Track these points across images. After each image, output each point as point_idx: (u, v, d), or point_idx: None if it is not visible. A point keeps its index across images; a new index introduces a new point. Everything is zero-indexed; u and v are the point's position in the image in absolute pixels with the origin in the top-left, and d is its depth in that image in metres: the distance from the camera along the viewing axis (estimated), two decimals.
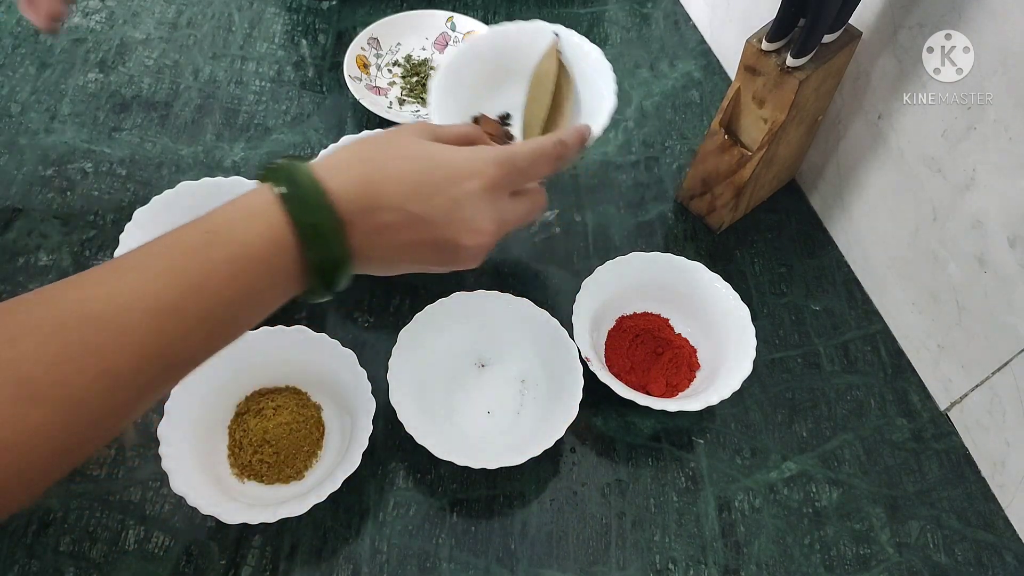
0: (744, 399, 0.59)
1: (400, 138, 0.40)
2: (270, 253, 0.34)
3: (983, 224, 0.52)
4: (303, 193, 0.35)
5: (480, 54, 0.57)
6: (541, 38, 0.56)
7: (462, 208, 0.39)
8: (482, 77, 0.57)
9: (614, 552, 0.52)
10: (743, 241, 0.68)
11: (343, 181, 0.36)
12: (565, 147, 0.44)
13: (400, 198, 0.37)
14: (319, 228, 0.35)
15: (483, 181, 0.39)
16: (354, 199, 0.36)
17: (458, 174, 0.39)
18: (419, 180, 0.38)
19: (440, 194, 0.38)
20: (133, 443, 0.53)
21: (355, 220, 0.36)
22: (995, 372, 0.54)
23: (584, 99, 0.56)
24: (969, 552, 0.53)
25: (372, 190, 0.37)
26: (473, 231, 0.39)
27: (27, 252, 0.62)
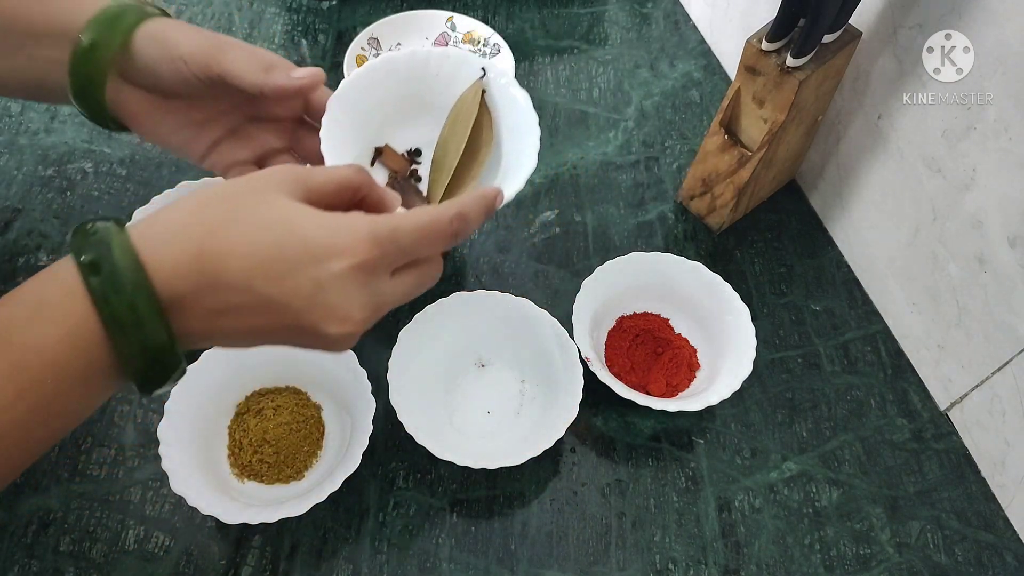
0: (744, 399, 0.59)
1: (254, 196, 0.33)
2: (69, 356, 0.29)
3: (983, 224, 0.52)
4: (115, 272, 0.29)
5: (395, 76, 0.48)
6: (467, 71, 0.49)
7: (324, 292, 0.32)
8: (394, 103, 0.49)
9: (614, 552, 0.52)
10: (743, 241, 0.68)
11: (173, 254, 0.30)
12: (465, 222, 0.36)
13: (246, 276, 0.31)
14: (134, 317, 0.29)
15: (353, 261, 0.32)
16: (186, 275, 0.30)
17: (321, 250, 0.32)
18: (271, 255, 0.31)
19: (297, 274, 0.32)
20: (133, 443, 0.53)
21: (187, 301, 0.31)
22: (995, 372, 0.54)
23: (505, 149, 0.49)
24: (969, 552, 0.53)
25: (211, 265, 0.31)
26: (339, 319, 0.33)
27: (27, 252, 0.62)
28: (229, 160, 0.46)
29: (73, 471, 0.51)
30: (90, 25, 0.41)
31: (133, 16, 0.42)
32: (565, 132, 0.74)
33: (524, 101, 0.47)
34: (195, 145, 0.46)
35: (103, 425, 0.53)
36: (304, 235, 0.32)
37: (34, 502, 0.50)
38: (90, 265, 0.29)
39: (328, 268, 0.32)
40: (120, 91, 0.44)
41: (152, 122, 0.45)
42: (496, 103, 0.48)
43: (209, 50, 0.41)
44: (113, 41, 0.41)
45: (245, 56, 0.41)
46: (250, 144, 0.47)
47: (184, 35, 0.42)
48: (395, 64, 0.48)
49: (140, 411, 0.54)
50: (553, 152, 0.73)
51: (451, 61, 0.48)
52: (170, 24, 0.43)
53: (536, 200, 0.69)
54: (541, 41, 0.82)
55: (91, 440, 0.53)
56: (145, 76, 0.43)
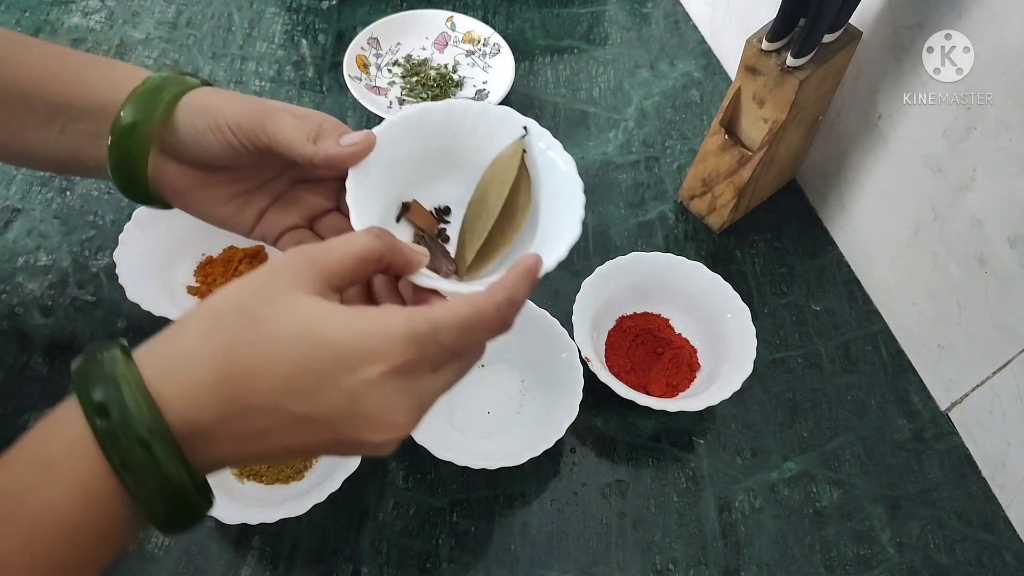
0: (745, 399, 0.59)
1: (271, 303, 0.30)
2: (83, 514, 0.27)
3: (983, 224, 0.52)
4: (125, 414, 0.27)
5: (430, 127, 0.44)
6: (507, 129, 0.44)
7: (361, 402, 0.29)
8: (426, 155, 0.45)
9: (614, 553, 0.51)
10: (743, 241, 0.68)
11: (191, 385, 0.28)
12: (515, 307, 0.32)
13: (274, 396, 0.29)
14: (150, 462, 0.27)
15: (389, 365, 0.29)
16: (208, 405, 0.28)
17: (354, 357, 0.29)
18: (299, 370, 0.29)
19: (329, 386, 0.29)
20: None
21: (213, 432, 0.29)
22: (996, 372, 0.54)
23: (543, 215, 0.45)
24: (970, 552, 0.53)
25: (234, 390, 0.29)
26: (381, 427, 0.30)
27: (27, 252, 0.62)
28: (279, 228, 0.44)
29: None
30: (131, 100, 0.40)
31: (175, 88, 0.40)
32: (565, 132, 0.74)
33: (566, 166, 0.44)
34: (242, 217, 0.44)
35: None
36: (332, 342, 0.29)
37: None
38: (97, 407, 0.27)
39: (362, 376, 0.29)
40: (162, 167, 0.42)
41: (197, 197, 0.43)
42: (536, 165, 0.45)
43: (255, 118, 0.39)
44: (155, 115, 0.39)
45: (293, 125, 0.39)
46: (298, 207, 0.45)
47: (228, 103, 0.40)
48: (431, 115, 0.44)
49: None
50: None
51: (491, 117, 0.44)
52: (212, 93, 0.41)
53: None
54: (541, 41, 0.82)
55: None
56: (189, 149, 0.41)
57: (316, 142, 0.38)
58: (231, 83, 0.75)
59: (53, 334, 0.58)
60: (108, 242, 0.63)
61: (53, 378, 0.55)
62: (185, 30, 0.80)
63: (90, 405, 0.27)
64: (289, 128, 0.39)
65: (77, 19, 0.80)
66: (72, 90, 0.41)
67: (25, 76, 0.41)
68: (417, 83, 0.76)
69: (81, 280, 0.61)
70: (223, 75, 0.76)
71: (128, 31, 0.79)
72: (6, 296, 0.59)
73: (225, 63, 0.77)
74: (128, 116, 0.40)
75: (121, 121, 0.40)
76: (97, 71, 0.42)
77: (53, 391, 0.55)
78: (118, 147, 0.40)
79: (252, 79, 0.76)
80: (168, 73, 0.42)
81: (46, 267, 0.61)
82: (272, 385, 0.29)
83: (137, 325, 0.58)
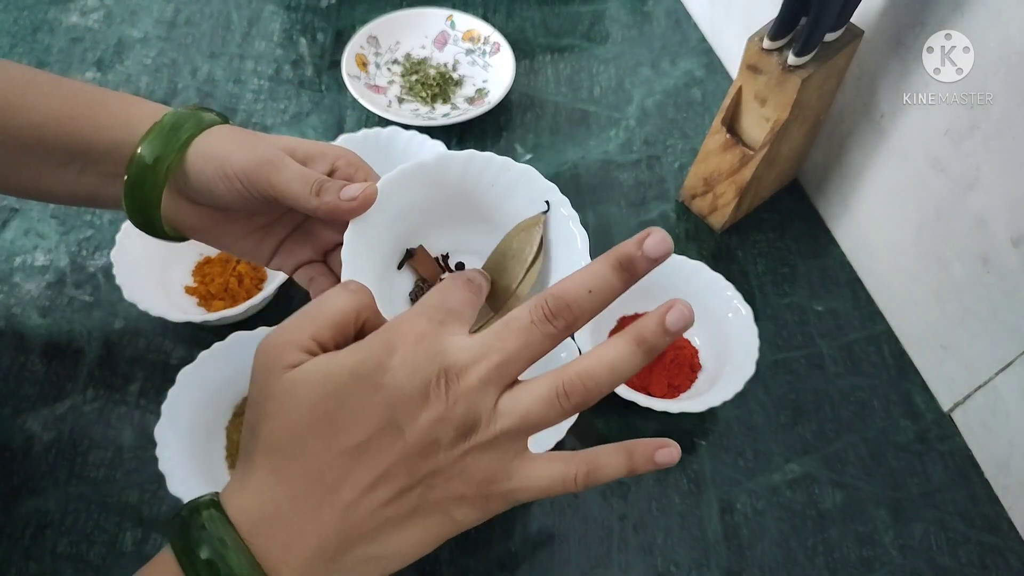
0: (747, 400, 0.58)
1: (270, 396, 0.29)
2: None
3: (987, 223, 0.52)
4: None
5: (445, 176, 0.43)
6: (526, 187, 0.43)
7: (399, 388, 0.29)
8: (437, 203, 0.44)
9: (616, 555, 0.51)
10: (745, 241, 0.68)
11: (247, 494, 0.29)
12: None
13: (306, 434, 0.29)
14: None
15: (407, 340, 0.30)
16: (254, 486, 0.29)
17: (368, 362, 0.29)
18: (318, 398, 0.29)
19: (360, 397, 0.29)
20: (131, 445, 0.53)
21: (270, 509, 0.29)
22: (999, 373, 0.53)
23: (549, 285, 0.42)
24: (973, 554, 0.53)
25: (271, 451, 0.29)
26: (431, 399, 0.29)
27: (24, 252, 0.62)
28: (295, 261, 0.45)
29: (70, 473, 0.51)
30: (147, 139, 0.40)
31: (191, 126, 0.40)
32: (566, 131, 0.74)
33: (581, 244, 0.42)
34: (261, 249, 0.45)
35: (100, 427, 0.53)
36: (342, 365, 0.29)
37: (31, 504, 0.50)
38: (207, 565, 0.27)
39: (388, 365, 0.29)
40: (177, 207, 0.42)
41: (215, 233, 0.44)
42: (552, 232, 0.43)
43: (260, 169, 0.39)
44: (170, 155, 0.40)
45: (297, 176, 0.39)
46: (312, 241, 0.45)
47: (236, 151, 0.40)
48: (449, 165, 0.43)
49: (137, 413, 0.54)
50: (554, 151, 0.72)
51: (511, 174, 0.43)
52: (222, 137, 0.41)
53: None
54: (542, 39, 0.82)
55: (88, 442, 0.52)
56: (201, 194, 0.41)
57: (318, 195, 0.39)
58: (230, 82, 0.75)
59: (51, 334, 0.57)
60: (106, 242, 0.62)
61: (50, 378, 0.55)
62: (183, 29, 0.80)
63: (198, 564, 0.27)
64: (293, 181, 0.39)
65: (75, 18, 0.80)
66: (87, 132, 0.41)
67: (40, 120, 0.41)
68: (416, 82, 0.76)
69: (79, 280, 0.60)
70: (222, 74, 0.76)
71: (126, 30, 0.79)
72: (3, 296, 0.59)
73: (223, 62, 0.77)
74: (144, 157, 0.40)
75: (137, 161, 0.40)
76: (112, 111, 0.42)
77: (50, 392, 0.54)
78: (134, 186, 0.41)
79: (251, 78, 0.76)
80: (184, 109, 0.42)
81: (43, 267, 0.61)
82: (301, 426, 0.28)
83: (134, 325, 0.58)
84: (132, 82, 0.74)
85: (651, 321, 0.30)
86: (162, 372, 0.56)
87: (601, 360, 0.30)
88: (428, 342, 0.30)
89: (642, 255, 0.30)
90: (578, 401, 0.31)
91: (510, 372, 0.31)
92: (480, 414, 0.30)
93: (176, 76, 0.75)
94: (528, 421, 0.30)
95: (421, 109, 0.74)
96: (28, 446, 0.52)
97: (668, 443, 0.33)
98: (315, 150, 0.42)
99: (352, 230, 0.39)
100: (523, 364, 0.31)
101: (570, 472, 0.32)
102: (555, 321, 0.31)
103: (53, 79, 0.43)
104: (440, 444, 0.29)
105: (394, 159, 0.65)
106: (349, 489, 0.28)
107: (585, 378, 0.30)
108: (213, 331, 0.57)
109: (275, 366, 0.29)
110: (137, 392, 0.55)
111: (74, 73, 0.75)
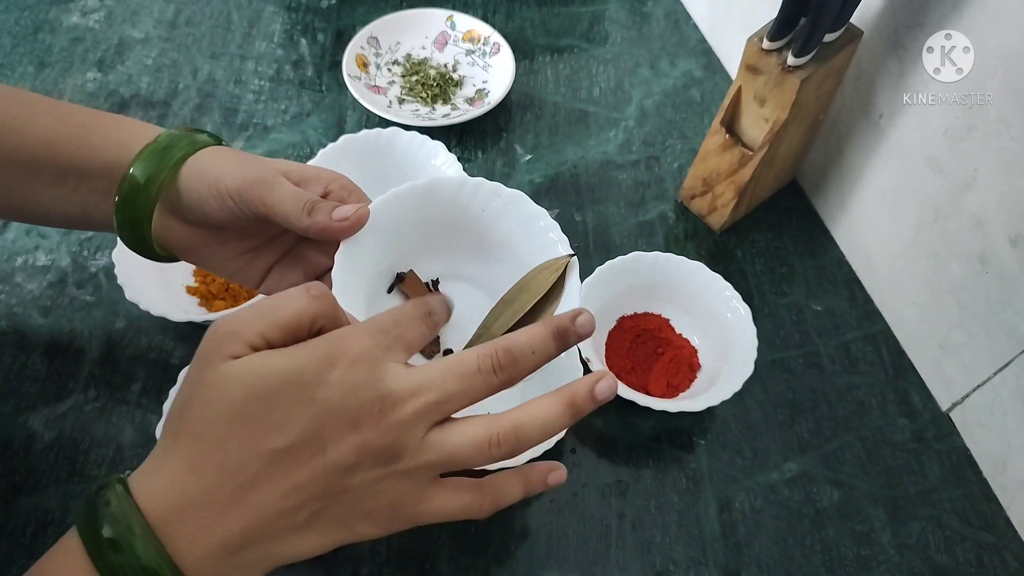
0: (745, 399, 0.58)
1: (204, 382, 0.29)
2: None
3: (985, 223, 0.52)
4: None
5: (436, 201, 0.43)
6: (518, 212, 0.43)
7: (329, 403, 0.29)
8: (428, 228, 0.43)
9: (614, 553, 0.51)
10: (744, 241, 0.68)
11: (153, 464, 0.29)
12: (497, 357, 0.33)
13: (233, 433, 0.29)
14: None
15: (347, 359, 0.30)
16: (170, 475, 0.29)
17: (308, 369, 0.29)
18: (248, 397, 0.29)
19: (289, 403, 0.29)
20: (131, 443, 0.53)
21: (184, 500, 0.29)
22: (997, 372, 0.54)
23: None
24: (970, 553, 0.53)
25: (191, 446, 0.29)
26: (360, 420, 0.30)
27: (26, 252, 0.62)
28: (285, 284, 0.45)
29: (71, 471, 0.51)
30: (140, 159, 0.40)
31: (184, 147, 0.41)
32: (565, 131, 0.74)
33: (576, 292, 0.42)
34: (250, 272, 0.45)
35: (102, 426, 0.53)
36: (277, 368, 0.29)
37: (32, 502, 0.50)
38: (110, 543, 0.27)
39: (324, 379, 0.29)
40: (168, 226, 0.42)
41: (205, 253, 0.44)
42: (568, 287, 0.42)
43: (253, 189, 0.39)
44: (162, 176, 0.40)
45: (290, 196, 0.39)
46: (303, 265, 0.46)
47: (229, 170, 0.40)
48: (440, 189, 0.43)
49: (138, 411, 0.54)
50: (553, 151, 0.73)
51: (501, 199, 0.43)
52: (216, 156, 0.41)
53: (536, 200, 0.68)
54: (541, 40, 0.82)
55: (89, 441, 0.53)
56: (192, 211, 0.41)
57: (311, 215, 0.39)
58: (230, 82, 0.75)
59: (52, 334, 0.57)
60: (107, 242, 0.63)
61: (52, 377, 0.55)
62: (184, 29, 0.80)
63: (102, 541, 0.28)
64: (286, 200, 0.39)
65: (76, 18, 0.80)
66: (80, 152, 0.41)
67: (33, 140, 0.41)
68: (417, 82, 0.76)
69: (80, 280, 0.60)
70: (222, 74, 0.76)
71: (127, 30, 0.79)
72: (5, 296, 0.59)
73: (224, 62, 0.77)
74: (136, 176, 0.40)
75: (129, 181, 0.40)
76: (104, 131, 0.42)
77: (51, 391, 0.55)
78: (125, 205, 0.41)
79: (251, 78, 0.76)
80: (178, 131, 0.42)
81: (45, 267, 0.61)
82: (225, 420, 0.28)
83: (136, 325, 0.58)
84: (133, 82, 0.75)
85: (582, 387, 0.33)
86: (163, 371, 0.56)
87: (535, 418, 0.32)
88: (369, 365, 0.30)
89: (574, 330, 0.33)
90: (507, 451, 0.32)
91: (444, 412, 0.31)
92: (406, 445, 0.30)
93: (177, 76, 0.76)
94: (453, 459, 0.31)
95: (421, 110, 0.74)
96: (29, 444, 0.52)
97: (557, 466, 0.36)
98: (309, 173, 0.42)
99: (343, 252, 0.40)
100: (458, 407, 0.32)
101: (475, 502, 0.33)
102: (500, 373, 0.32)
103: (46, 101, 0.43)
104: (360, 467, 0.30)
105: (394, 159, 0.65)
106: (260, 492, 0.29)
107: (519, 431, 0.32)
108: None
109: (215, 353, 0.29)
110: (138, 391, 0.55)
111: (75, 73, 0.75)
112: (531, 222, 0.43)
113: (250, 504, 0.29)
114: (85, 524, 0.28)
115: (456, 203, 0.43)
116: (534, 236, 0.43)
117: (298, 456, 0.29)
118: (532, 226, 0.43)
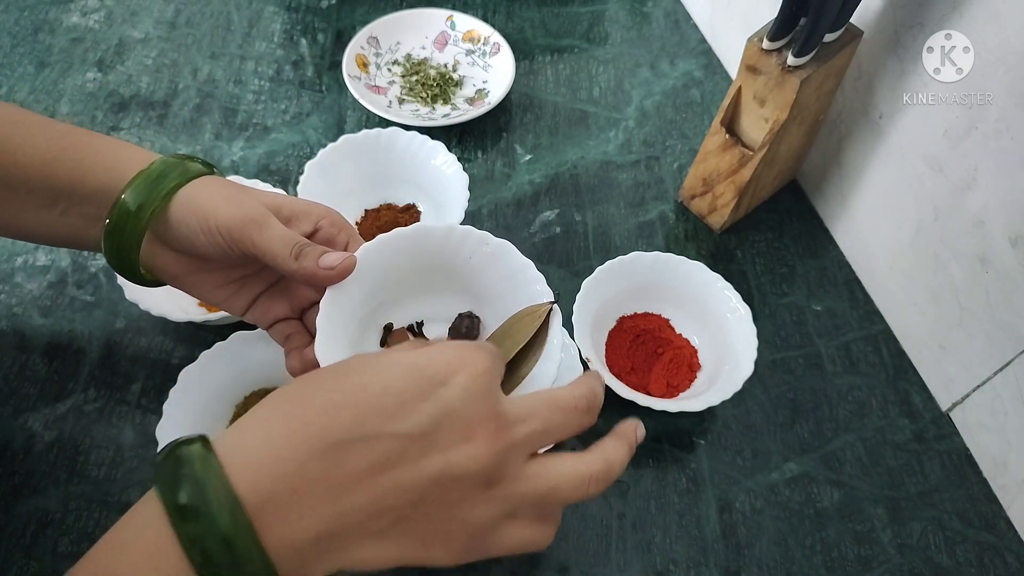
0: (745, 400, 0.58)
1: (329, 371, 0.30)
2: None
3: (985, 224, 0.52)
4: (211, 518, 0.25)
5: (425, 247, 0.43)
6: (504, 261, 0.43)
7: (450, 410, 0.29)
8: (414, 274, 0.44)
9: (614, 554, 0.51)
10: (744, 241, 0.68)
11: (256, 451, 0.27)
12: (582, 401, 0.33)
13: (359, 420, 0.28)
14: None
15: (472, 371, 0.30)
16: (281, 455, 0.27)
17: (440, 371, 0.29)
18: (378, 391, 0.28)
19: (416, 399, 0.28)
20: (132, 444, 0.53)
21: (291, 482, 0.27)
22: (997, 372, 0.54)
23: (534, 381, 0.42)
24: (971, 553, 0.53)
25: (311, 429, 0.28)
26: (472, 436, 0.29)
27: (26, 252, 0.62)
28: (271, 316, 0.45)
29: (72, 472, 0.51)
30: (133, 186, 0.40)
31: (177, 176, 0.41)
32: (565, 131, 0.74)
33: (558, 342, 0.42)
34: (236, 301, 0.45)
35: (101, 426, 0.53)
36: (408, 363, 0.29)
37: (32, 503, 0.50)
38: (182, 510, 0.26)
39: (450, 383, 0.29)
40: (156, 252, 0.43)
41: (191, 281, 0.44)
42: (550, 337, 0.42)
43: (244, 228, 0.39)
44: (154, 204, 0.40)
45: (278, 238, 0.39)
46: (289, 298, 0.46)
47: (221, 207, 0.40)
48: (429, 236, 0.43)
49: (138, 412, 0.54)
50: (553, 151, 0.73)
51: (489, 248, 0.44)
52: (206, 190, 0.41)
53: (536, 200, 0.69)
54: (541, 40, 0.82)
55: (89, 441, 0.53)
56: (181, 243, 0.41)
57: (298, 259, 0.39)
58: (230, 82, 0.75)
59: (52, 334, 0.57)
60: None
61: (52, 378, 0.55)
62: (184, 29, 0.80)
63: (176, 507, 0.26)
64: (275, 242, 0.39)
65: (76, 18, 0.80)
66: (73, 175, 0.41)
67: (25, 160, 0.41)
68: (417, 82, 0.76)
69: (80, 280, 0.60)
70: (222, 75, 0.76)
71: (127, 30, 0.79)
72: (5, 296, 0.59)
73: (224, 62, 0.77)
74: (127, 202, 0.40)
75: (120, 207, 0.40)
76: (98, 155, 0.42)
77: (51, 391, 0.55)
78: (114, 231, 0.41)
79: (251, 79, 0.76)
80: (171, 158, 0.42)
81: (45, 267, 0.61)
82: (351, 411, 0.27)
83: (136, 325, 0.58)
84: (133, 82, 0.75)
85: (637, 431, 0.34)
86: (163, 372, 0.56)
87: (619, 458, 0.33)
88: (490, 379, 0.30)
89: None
90: (600, 490, 0.32)
91: (542, 443, 0.31)
92: (507, 471, 0.30)
93: (177, 76, 0.76)
94: (556, 492, 0.31)
95: (421, 110, 0.74)
96: (29, 445, 0.52)
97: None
98: (300, 208, 0.42)
99: (328, 298, 0.40)
100: (552, 441, 0.32)
101: (547, 532, 0.32)
102: (588, 416, 0.32)
103: (40, 119, 0.43)
104: (460, 483, 0.28)
105: (394, 160, 0.65)
106: (356, 493, 0.27)
107: (610, 471, 0.32)
108: (214, 331, 0.57)
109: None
110: (138, 392, 0.55)
111: (75, 73, 0.75)
112: (518, 272, 0.43)
113: (343, 503, 0.27)
114: (167, 490, 0.27)
115: (444, 250, 0.44)
116: (519, 287, 0.43)
117: (404, 453, 0.28)
118: (518, 277, 0.43)
